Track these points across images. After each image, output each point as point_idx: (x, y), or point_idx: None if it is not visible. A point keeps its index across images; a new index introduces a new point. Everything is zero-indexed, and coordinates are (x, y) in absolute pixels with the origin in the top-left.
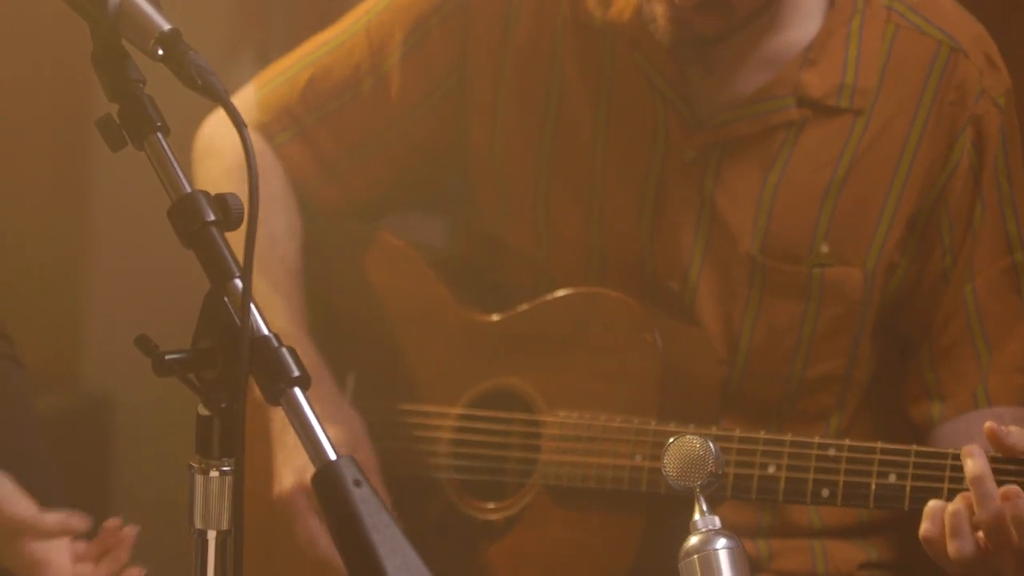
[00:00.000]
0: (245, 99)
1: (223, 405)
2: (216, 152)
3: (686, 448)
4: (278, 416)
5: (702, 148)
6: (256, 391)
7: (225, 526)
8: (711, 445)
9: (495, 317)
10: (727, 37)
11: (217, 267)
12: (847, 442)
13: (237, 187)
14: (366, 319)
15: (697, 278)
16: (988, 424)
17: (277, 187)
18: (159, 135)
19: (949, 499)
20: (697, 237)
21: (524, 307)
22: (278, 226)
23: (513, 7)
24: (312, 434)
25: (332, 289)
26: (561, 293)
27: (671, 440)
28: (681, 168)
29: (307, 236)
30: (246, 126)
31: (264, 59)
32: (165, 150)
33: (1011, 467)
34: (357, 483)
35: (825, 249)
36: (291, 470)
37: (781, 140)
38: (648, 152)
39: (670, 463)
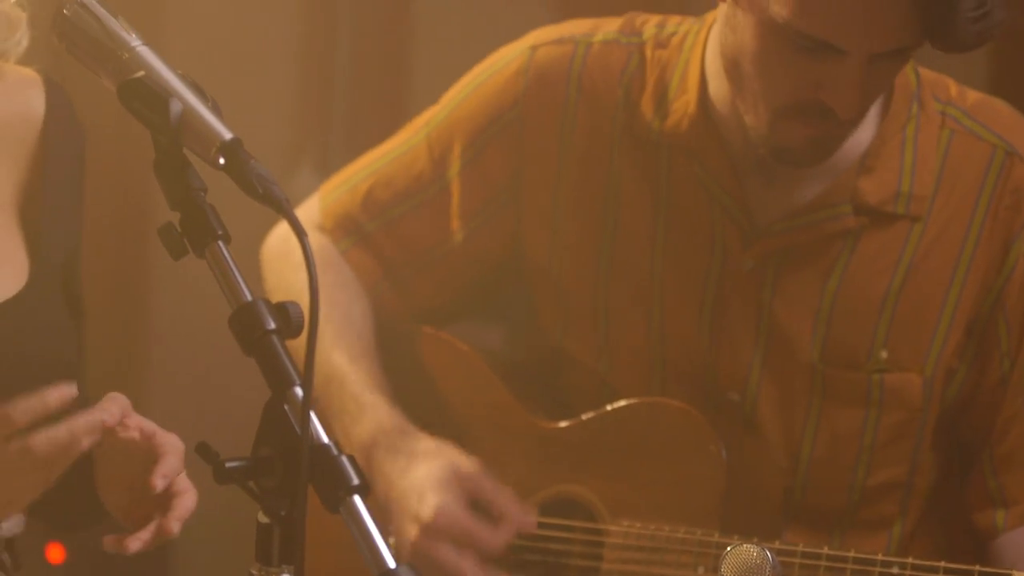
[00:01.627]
0: (309, 209)
1: (283, 513)
2: (285, 252)
3: (743, 556)
4: (380, 479)
5: (760, 257)
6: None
7: None
8: (768, 554)
9: (560, 424)
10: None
11: (278, 375)
12: (910, 560)
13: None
14: (431, 423)
15: (757, 387)
16: None
17: (349, 277)
18: (220, 243)
19: None
20: (756, 346)
21: (589, 415)
22: (353, 308)
23: (568, 118)
24: (371, 542)
25: (396, 392)
26: (625, 402)
27: (728, 548)
28: (739, 277)
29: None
30: (306, 235)
31: (324, 168)
32: (226, 259)
33: None
34: None
35: (884, 355)
36: (409, 518)
37: (839, 248)
38: (706, 261)
39: (728, 572)
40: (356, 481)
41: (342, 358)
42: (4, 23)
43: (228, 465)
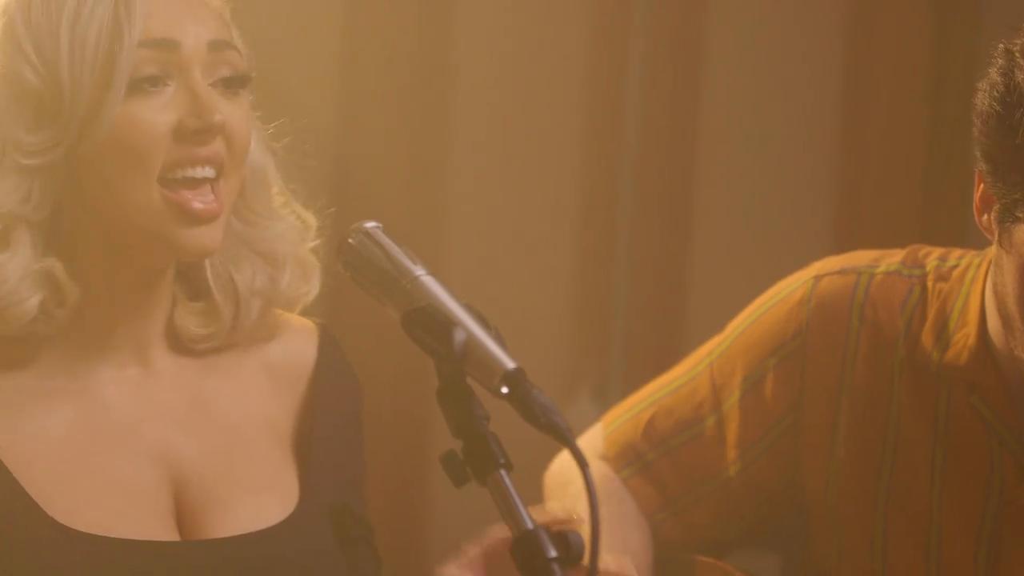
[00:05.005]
0: (592, 438)
1: None
2: (566, 481)
3: None
4: None
5: None
6: None
7: None
8: None
9: None
10: None
11: None
12: None
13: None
14: None
15: None
16: None
17: (630, 508)
18: (502, 472)
19: None
20: None
21: None
22: (633, 540)
23: (850, 349)
24: None
25: None
26: None
27: None
28: (1017, 511)
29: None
30: (587, 465)
31: (602, 395)
32: (508, 487)
33: None
34: None
35: None
36: None
37: None
38: (984, 494)
39: None
40: None
41: None
42: (300, 271)
43: None
